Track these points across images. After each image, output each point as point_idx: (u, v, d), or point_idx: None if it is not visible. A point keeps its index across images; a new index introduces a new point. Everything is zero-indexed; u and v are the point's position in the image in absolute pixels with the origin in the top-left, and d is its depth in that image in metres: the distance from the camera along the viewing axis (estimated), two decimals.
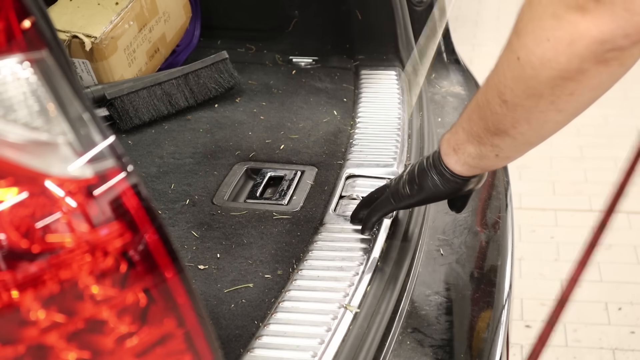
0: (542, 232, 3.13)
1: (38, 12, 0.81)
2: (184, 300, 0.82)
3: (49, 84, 0.79)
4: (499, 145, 1.18)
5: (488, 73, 1.13)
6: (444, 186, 1.31)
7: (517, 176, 3.38)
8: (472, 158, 1.24)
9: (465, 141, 1.23)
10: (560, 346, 2.63)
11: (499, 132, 1.15)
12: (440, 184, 1.31)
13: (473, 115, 1.19)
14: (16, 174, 0.75)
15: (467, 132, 1.22)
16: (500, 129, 1.14)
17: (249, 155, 1.76)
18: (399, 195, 1.37)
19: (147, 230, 0.79)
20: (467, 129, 1.21)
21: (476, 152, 1.22)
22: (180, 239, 1.49)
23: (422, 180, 1.32)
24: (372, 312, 1.29)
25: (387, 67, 2.09)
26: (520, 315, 2.74)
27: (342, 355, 1.20)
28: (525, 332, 2.69)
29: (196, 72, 1.97)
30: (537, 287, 2.85)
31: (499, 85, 1.09)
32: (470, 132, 1.21)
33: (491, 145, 1.19)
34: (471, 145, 1.22)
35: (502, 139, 1.16)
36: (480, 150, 1.21)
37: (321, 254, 1.41)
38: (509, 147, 1.17)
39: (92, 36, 1.92)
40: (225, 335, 1.25)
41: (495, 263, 1.49)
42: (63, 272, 0.75)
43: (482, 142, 1.20)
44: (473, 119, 1.19)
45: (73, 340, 0.77)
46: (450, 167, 1.28)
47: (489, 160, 1.23)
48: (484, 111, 1.15)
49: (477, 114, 1.18)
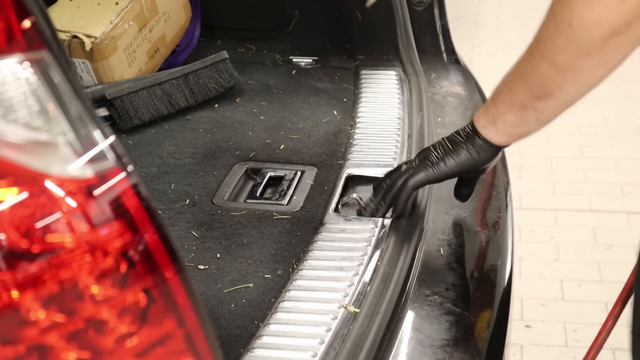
0: (542, 232, 3.13)
1: (38, 12, 0.81)
2: (184, 300, 0.82)
3: (49, 84, 0.79)
4: (542, 108, 1.29)
5: (533, 41, 1.25)
6: (481, 155, 1.42)
7: (517, 176, 3.38)
8: (512, 126, 1.36)
9: (506, 111, 1.34)
10: (560, 346, 2.63)
11: (544, 96, 1.27)
12: (477, 155, 1.42)
13: (516, 86, 1.31)
14: (16, 174, 0.75)
15: (508, 103, 1.33)
16: (546, 92, 1.26)
17: (249, 155, 1.76)
18: (434, 169, 1.45)
19: (147, 230, 0.79)
20: (509, 100, 1.33)
21: (517, 120, 1.34)
22: (180, 239, 1.49)
23: (459, 153, 1.43)
24: (372, 312, 1.28)
25: (387, 67, 2.09)
26: (520, 315, 2.74)
27: (342, 355, 1.20)
28: (525, 332, 2.69)
29: (196, 72, 1.97)
30: (537, 287, 2.85)
31: (549, 52, 1.21)
32: (513, 101, 1.32)
33: (534, 110, 1.30)
34: (512, 114, 1.34)
35: (546, 102, 1.28)
36: (522, 117, 1.33)
37: (321, 254, 1.41)
38: (551, 109, 1.29)
39: (92, 36, 1.92)
40: (225, 335, 1.25)
41: (495, 263, 1.49)
42: (63, 272, 0.75)
43: (524, 109, 1.31)
44: (516, 89, 1.31)
45: (73, 340, 0.77)
46: (489, 138, 1.40)
47: (529, 126, 1.34)
48: (530, 78, 1.27)
49: (521, 84, 1.30)
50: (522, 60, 1.29)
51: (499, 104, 1.36)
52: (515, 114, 1.34)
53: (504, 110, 1.35)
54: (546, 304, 2.81)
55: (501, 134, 1.38)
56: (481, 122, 1.40)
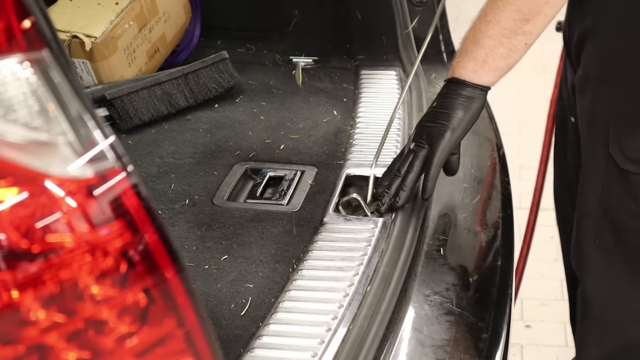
0: (542, 232, 3.13)
1: (38, 12, 0.81)
2: (184, 300, 0.82)
3: (49, 84, 0.79)
4: (530, 31, 1.39)
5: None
6: (476, 103, 1.47)
7: (517, 176, 3.38)
8: (503, 59, 1.43)
9: (495, 46, 1.42)
10: (560, 346, 2.63)
11: (533, 15, 1.37)
12: (473, 105, 1.47)
13: (503, 15, 1.39)
14: (16, 174, 0.75)
15: (495, 37, 1.41)
16: (535, 10, 1.37)
17: (249, 155, 1.76)
18: (445, 138, 1.47)
19: (147, 230, 0.79)
20: (496, 33, 1.41)
21: (507, 51, 1.42)
22: (180, 239, 1.49)
23: (456, 112, 1.47)
24: (372, 312, 1.28)
25: (387, 67, 2.09)
26: (520, 315, 2.74)
27: (342, 355, 1.20)
28: (525, 332, 2.69)
29: (196, 72, 1.97)
30: (537, 287, 2.85)
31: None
32: (502, 33, 1.40)
33: (523, 34, 1.40)
34: (501, 47, 1.42)
35: (534, 23, 1.38)
36: (512, 45, 1.41)
37: (321, 254, 1.41)
38: (538, 29, 1.40)
39: (92, 36, 1.92)
40: (225, 335, 1.25)
41: (495, 263, 1.49)
42: (63, 272, 0.75)
43: (514, 35, 1.40)
44: (503, 19, 1.39)
45: (73, 340, 0.77)
46: (482, 82, 1.46)
47: (518, 53, 1.42)
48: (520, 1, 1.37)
49: (508, 10, 1.38)
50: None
51: (484, 43, 1.42)
52: (505, 46, 1.41)
53: (492, 46, 1.42)
54: (546, 304, 2.81)
55: (493, 70, 1.44)
56: (470, 68, 1.45)
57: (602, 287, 1.61)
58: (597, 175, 1.53)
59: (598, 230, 1.55)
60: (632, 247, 1.52)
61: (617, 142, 1.47)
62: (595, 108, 1.51)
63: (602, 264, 1.57)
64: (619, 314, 1.60)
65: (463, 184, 1.68)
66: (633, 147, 1.46)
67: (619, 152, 1.47)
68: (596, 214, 1.54)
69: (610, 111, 1.48)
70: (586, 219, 1.58)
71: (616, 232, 1.53)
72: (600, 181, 1.52)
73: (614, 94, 1.47)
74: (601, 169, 1.51)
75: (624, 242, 1.53)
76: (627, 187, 1.48)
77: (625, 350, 1.62)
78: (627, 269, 1.54)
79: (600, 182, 1.52)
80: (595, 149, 1.52)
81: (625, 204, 1.50)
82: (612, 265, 1.56)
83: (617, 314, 1.61)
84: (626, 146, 1.47)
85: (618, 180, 1.49)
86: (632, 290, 1.56)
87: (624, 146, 1.47)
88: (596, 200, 1.54)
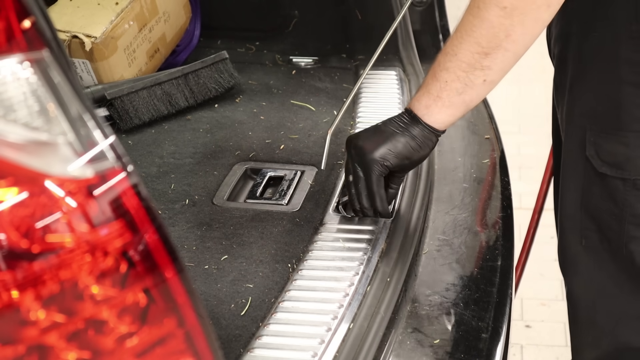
0: (542, 232, 3.13)
1: (38, 12, 0.81)
2: (184, 300, 0.82)
3: (49, 84, 0.79)
4: (489, 65, 1.30)
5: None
6: (419, 143, 1.40)
7: (517, 176, 3.38)
8: (458, 94, 1.34)
9: (451, 80, 1.33)
10: (560, 346, 2.63)
11: (493, 49, 1.29)
12: (416, 144, 1.40)
13: (461, 47, 1.31)
14: (16, 174, 0.75)
15: (452, 70, 1.32)
16: (495, 44, 1.28)
17: (249, 155, 1.76)
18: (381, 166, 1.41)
19: (147, 230, 0.79)
20: (453, 66, 1.32)
21: (462, 86, 1.33)
22: (180, 239, 1.49)
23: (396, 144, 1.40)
24: (372, 312, 1.28)
25: (387, 67, 2.09)
26: (520, 315, 2.74)
27: (342, 355, 1.20)
28: (525, 332, 2.69)
29: (196, 72, 1.97)
30: (537, 287, 2.85)
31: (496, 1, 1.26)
32: (458, 66, 1.32)
33: (481, 69, 1.31)
34: (457, 81, 1.33)
35: (494, 57, 1.29)
36: (469, 80, 1.32)
37: (321, 254, 1.41)
38: (499, 64, 1.30)
39: (92, 36, 1.92)
40: (225, 335, 1.25)
41: (495, 263, 1.49)
42: (63, 272, 0.75)
43: (471, 70, 1.31)
44: (461, 51, 1.31)
45: (73, 340, 0.77)
46: (432, 121, 1.38)
47: (475, 90, 1.33)
48: (479, 32, 1.28)
49: (467, 42, 1.30)
50: (466, 18, 1.30)
51: (440, 76, 1.34)
52: (460, 80, 1.32)
53: (448, 80, 1.33)
54: (546, 304, 2.81)
55: (447, 107, 1.36)
56: (423, 103, 1.37)
57: (590, 288, 1.60)
58: (577, 177, 1.52)
59: (582, 229, 1.54)
60: (617, 247, 1.51)
61: (594, 145, 1.46)
62: (572, 111, 1.51)
63: (590, 263, 1.57)
64: (610, 315, 1.60)
65: (463, 184, 1.69)
66: (608, 150, 1.45)
67: (596, 155, 1.46)
68: (579, 214, 1.54)
69: (585, 114, 1.47)
70: (569, 219, 1.57)
71: (600, 230, 1.52)
72: (581, 182, 1.51)
73: (588, 97, 1.46)
74: (580, 171, 1.51)
75: (608, 241, 1.52)
76: (607, 190, 1.48)
77: (619, 351, 1.62)
78: (615, 267, 1.54)
79: (581, 184, 1.52)
80: (573, 151, 1.52)
81: (606, 205, 1.49)
82: (600, 264, 1.55)
83: (608, 315, 1.60)
84: (602, 149, 1.45)
85: (597, 182, 1.49)
86: (621, 292, 1.55)
87: (599, 149, 1.46)
88: (578, 201, 1.53)
